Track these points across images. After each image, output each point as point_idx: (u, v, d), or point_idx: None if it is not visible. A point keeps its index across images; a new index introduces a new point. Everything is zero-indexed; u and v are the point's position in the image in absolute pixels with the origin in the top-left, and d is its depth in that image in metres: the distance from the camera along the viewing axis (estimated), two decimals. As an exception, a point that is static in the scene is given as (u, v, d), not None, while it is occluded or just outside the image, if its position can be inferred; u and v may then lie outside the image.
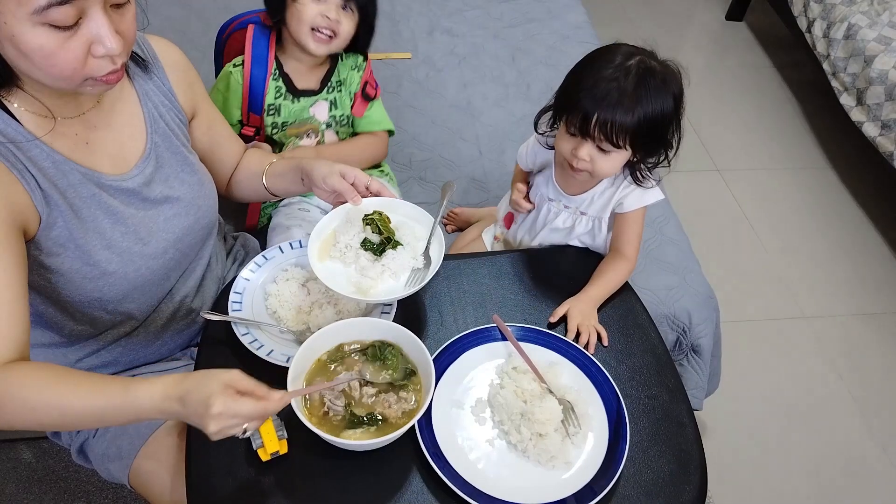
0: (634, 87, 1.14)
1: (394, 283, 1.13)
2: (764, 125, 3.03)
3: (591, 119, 1.15)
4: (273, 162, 1.28)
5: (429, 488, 0.97)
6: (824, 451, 1.97)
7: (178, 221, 1.13)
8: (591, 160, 1.21)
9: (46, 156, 0.96)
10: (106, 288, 1.05)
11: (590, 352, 1.16)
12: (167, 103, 1.13)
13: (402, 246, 1.15)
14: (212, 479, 0.97)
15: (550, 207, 1.38)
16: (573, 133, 1.20)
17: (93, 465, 1.22)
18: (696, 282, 1.69)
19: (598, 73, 1.16)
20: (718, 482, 1.83)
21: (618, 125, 1.15)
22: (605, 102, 1.14)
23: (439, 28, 2.41)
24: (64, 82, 0.89)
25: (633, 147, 1.19)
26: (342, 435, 0.96)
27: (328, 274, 1.11)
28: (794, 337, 2.25)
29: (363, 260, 1.13)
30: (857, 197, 2.74)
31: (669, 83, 1.17)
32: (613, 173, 1.27)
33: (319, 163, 1.18)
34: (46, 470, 1.72)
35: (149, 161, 1.09)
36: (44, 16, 0.81)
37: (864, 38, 2.51)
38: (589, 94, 1.15)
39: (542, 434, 1.01)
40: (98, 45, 0.86)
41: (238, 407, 0.83)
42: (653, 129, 1.17)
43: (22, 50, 0.84)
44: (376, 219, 1.15)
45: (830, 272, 2.46)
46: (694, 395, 1.67)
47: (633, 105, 1.14)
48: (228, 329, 1.11)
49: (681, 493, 1.00)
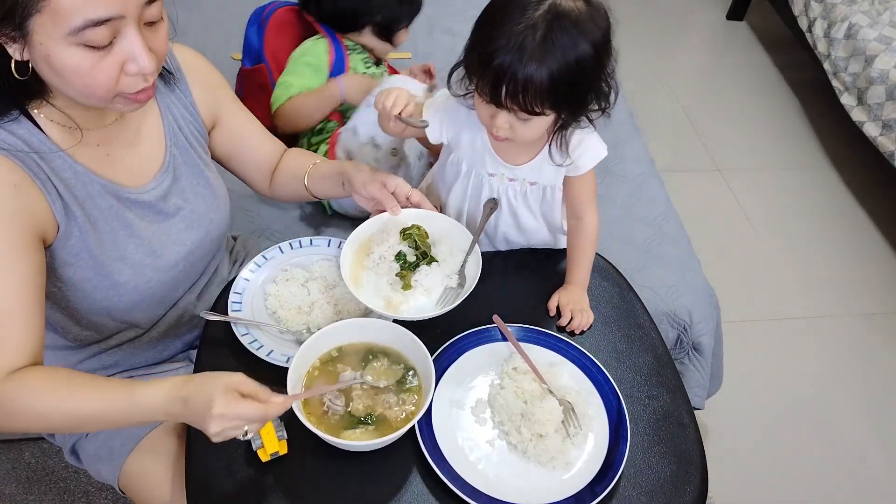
0: (541, 42, 0.98)
1: (425, 301, 1.11)
2: (764, 125, 3.02)
3: (500, 87, 1.02)
4: (316, 164, 1.26)
5: (429, 488, 0.97)
6: (825, 451, 1.96)
7: (190, 234, 1.13)
8: (511, 128, 1.08)
9: (68, 166, 0.97)
10: (116, 298, 1.06)
11: (578, 331, 1.18)
12: (188, 116, 1.13)
13: (437, 262, 1.13)
14: (212, 479, 0.97)
15: (493, 184, 1.24)
16: (487, 99, 1.06)
17: (84, 465, 1.22)
18: (697, 280, 1.69)
19: (503, 28, 1.00)
20: (719, 482, 1.83)
21: (532, 93, 1.01)
22: (513, 68, 0.99)
23: (439, 28, 2.41)
24: (96, 100, 0.90)
25: (555, 108, 1.06)
26: (342, 435, 0.96)
27: (358, 285, 1.10)
28: (794, 337, 2.24)
29: (393, 274, 1.12)
30: (857, 197, 2.73)
31: (585, 26, 1.00)
32: (537, 137, 1.14)
33: (361, 169, 1.17)
34: (46, 470, 1.72)
35: (167, 174, 1.09)
36: (79, 36, 0.82)
37: (864, 38, 2.51)
38: (495, 56, 1.00)
39: (543, 434, 1.01)
40: (131, 64, 0.87)
41: (239, 409, 0.84)
42: (572, 85, 1.03)
43: (56, 69, 0.85)
44: (414, 234, 1.13)
45: (831, 272, 2.45)
46: (696, 393, 1.67)
47: (541, 66, 0.99)
48: (228, 329, 1.11)
49: (681, 494, 1.00)
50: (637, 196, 1.89)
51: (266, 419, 0.88)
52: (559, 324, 1.20)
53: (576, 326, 1.19)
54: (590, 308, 1.22)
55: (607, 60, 1.06)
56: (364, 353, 1.05)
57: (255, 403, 0.85)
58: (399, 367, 1.03)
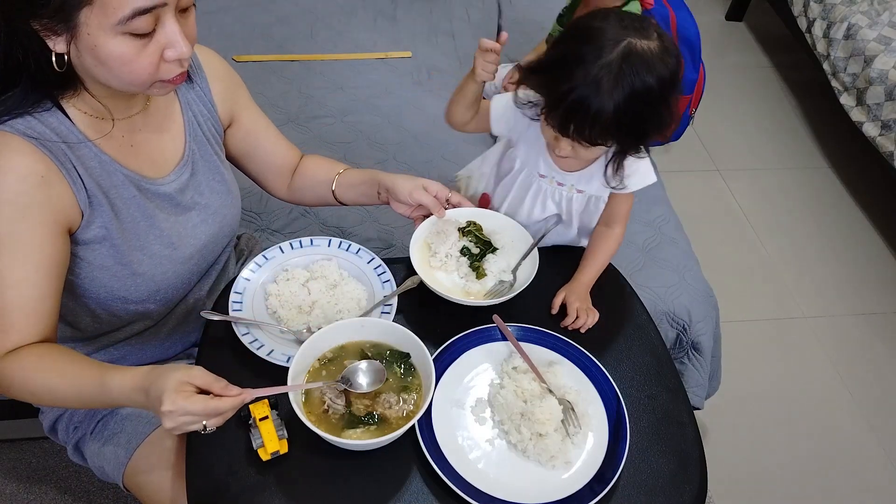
0: (614, 82, 1.03)
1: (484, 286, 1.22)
2: (764, 125, 3.03)
3: (568, 125, 1.08)
4: (342, 172, 1.29)
5: (429, 488, 0.97)
6: (824, 451, 1.97)
7: (205, 228, 1.16)
8: (573, 149, 1.14)
9: (94, 156, 1.00)
10: (133, 288, 1.08)
11: (583, 330, 1.19)
12: (206, 113, 1.16)
13: (498, 249, 1.25)
14: (212, 478, 0.97)
15: (541, 185, 1.29)
16: (554, 128, 1.12)
17: (87, 463, 1.23)
18: (695, 280, 1.69)
19: (580, 67, 1.04)
20: (718, 482, 1.83)
21: (597, 129, 1.07)
22: (584, 106, 1.05)
23: (440, 30, 2.41)
24: (136, 86, 0.94)
25: (618, 142, 1.14)
26: (342, 434, 0.96)
27: (437, 284, 1.18)
28: (793, 337, 2.25)
29: (465, 267, 1.23)
30: (857, 197, 2.74)
31: (654, 66, 1.04)
32: (598, 157, 1.22)
33: (402, 178, 1.21)
34: (46, 470, 1.72)
35: (185, 168, 1.12)
36: (127, 25, 0.85)
37: (864, 38, 2.51)
38: (570, 94, 1.05)
39: (542, 434, 1.01)
40: (171, 50, 0.90)
41: (189, 405, 0.83)
42: (637, 122, 1.08)
43: (101, 59, 0.88)
44: (473, 229, 1.25)
45: (830, 272, 2.46)
46: (695, 393, 1.68)
47: (610, 103, 1.04)
48: (229, 329, 1.11)
49: (681, 493, 1.00)
50: (637, 196, 1.88)
51: (218, 414, 0.86)
52: (564, 323, 1.20)
53: (582, 325, 1.20)
54: (592, 307, 1.22)
55: (673, 96, 1.09)
56: (361, 353, 1.05)
57: (205, 399, 0.84)
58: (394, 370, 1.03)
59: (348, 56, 2.26)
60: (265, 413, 0.95)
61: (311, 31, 2.33)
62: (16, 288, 0.93)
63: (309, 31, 2.33)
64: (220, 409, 0.85)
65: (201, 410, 0.84)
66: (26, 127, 0.93)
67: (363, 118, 2.04)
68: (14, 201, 0.92)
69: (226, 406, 0.86)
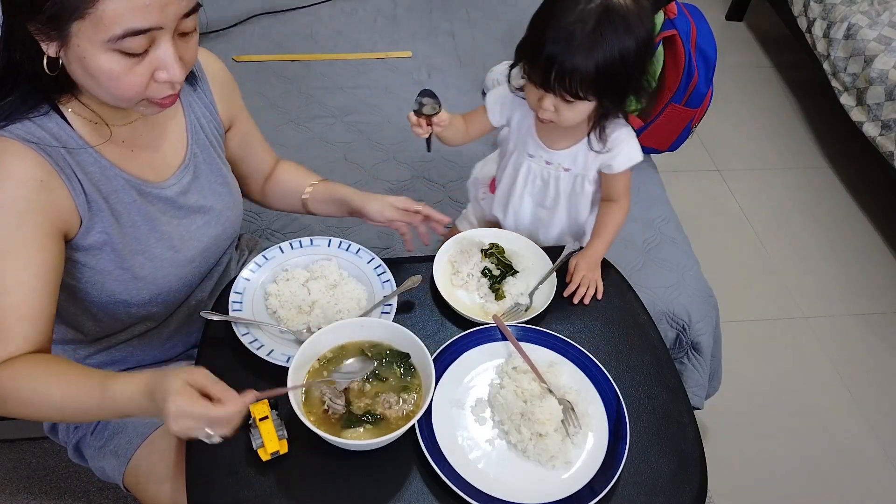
0: (591, 33, 1.09)
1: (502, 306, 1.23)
2: (764, 125, 3.03)
3: (550, 73, 1.13)
4: (315, 184, 1.31)
5: (429, 488, 0.97)
6: (824, 450, 1.97)
7: (208, 231, 1.16)
8: (556, 110, 1.19)
9: (94, 161, 0.99)
10: (134, 291, 1.08)
11: (587, 301, 1.23)
12: (208, 115, 1.16)
13: (519, 272, 1.27)
14: (212, 478, 0.97)
15: (531, 166, 1.35)
16: (537, 84, 1.18)
17: (87, 463, 1.23)
18: (695, 280, 1.69)
19: (557, 21, 1.11)
20: (718, 482, 1.83)
21: (577, 79, 1.12)
22: (562, 56, 1.11)
23: (440, 30, 2.41)
24: (122, 102, 0.93)
25: (597, 95, 1.17)
26: (342, 434, 0.96)
27: (457, 302, 1.20)
28: (793, 337, 2.25)
29: (485, 288, 1.25)
30: (856, 197, 2.74)
31: (632, 23, 1.11)
32: (578, 121, 1.24)
33: (370, 199, 1.25)
34: (46, 470, 1.72)
35: (187, 171, 1.12)
36: (118, 44, 0.84)
37: (864, 38, 2.51)
38: (547, 44, 1.12)
39: (542, 434, 1.01)
40: (162, 72, 0.89)
41: (192, 408, 0.81)
42: (615, 76, 1.13)
43: (89, 71, 0.87)
44: (496, 252, 1.28)
45: (830, 272, 2.46)
46: (695, 393, 1.68)
47: (589, 55, 1.10)
48: (229, 329, 1.11)
49: (681, 493, 1.00)
50: (636, 196, 1.88)
51: (221, 420, 0.83)
52: (567, 292, 1.24)
53: (582, 295, 1.23)
54: (601, 279, 1.26)
55: (648, 58, 1.17)
56: (361, 353, 1.05)
57: (206, 404, 0.82)
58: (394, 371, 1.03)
59: (348, 56, 2.27)
60: (265, 413, 0.95)
61: (311, 31, 2.34)
62: (14, 294, 0.90)
63: (309, 31, 2.33)
64: (220, 417, 0.82)
65: (201, 414, 0.82)
66: (25, 132, 0.93)
67: (363, 118, 2.04)
68: (13, 207, 0.91)
69: (225, 413, 0.82)
